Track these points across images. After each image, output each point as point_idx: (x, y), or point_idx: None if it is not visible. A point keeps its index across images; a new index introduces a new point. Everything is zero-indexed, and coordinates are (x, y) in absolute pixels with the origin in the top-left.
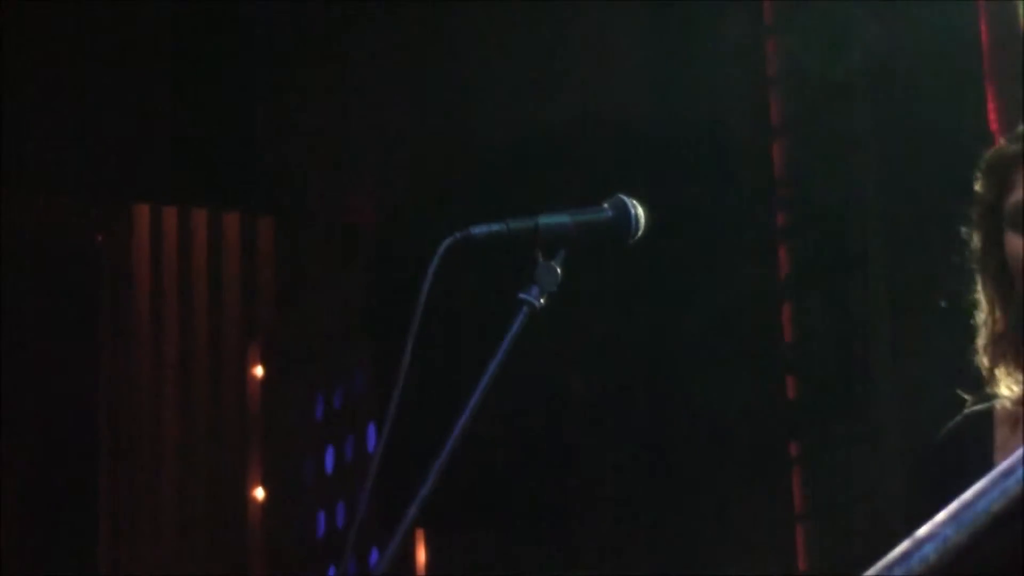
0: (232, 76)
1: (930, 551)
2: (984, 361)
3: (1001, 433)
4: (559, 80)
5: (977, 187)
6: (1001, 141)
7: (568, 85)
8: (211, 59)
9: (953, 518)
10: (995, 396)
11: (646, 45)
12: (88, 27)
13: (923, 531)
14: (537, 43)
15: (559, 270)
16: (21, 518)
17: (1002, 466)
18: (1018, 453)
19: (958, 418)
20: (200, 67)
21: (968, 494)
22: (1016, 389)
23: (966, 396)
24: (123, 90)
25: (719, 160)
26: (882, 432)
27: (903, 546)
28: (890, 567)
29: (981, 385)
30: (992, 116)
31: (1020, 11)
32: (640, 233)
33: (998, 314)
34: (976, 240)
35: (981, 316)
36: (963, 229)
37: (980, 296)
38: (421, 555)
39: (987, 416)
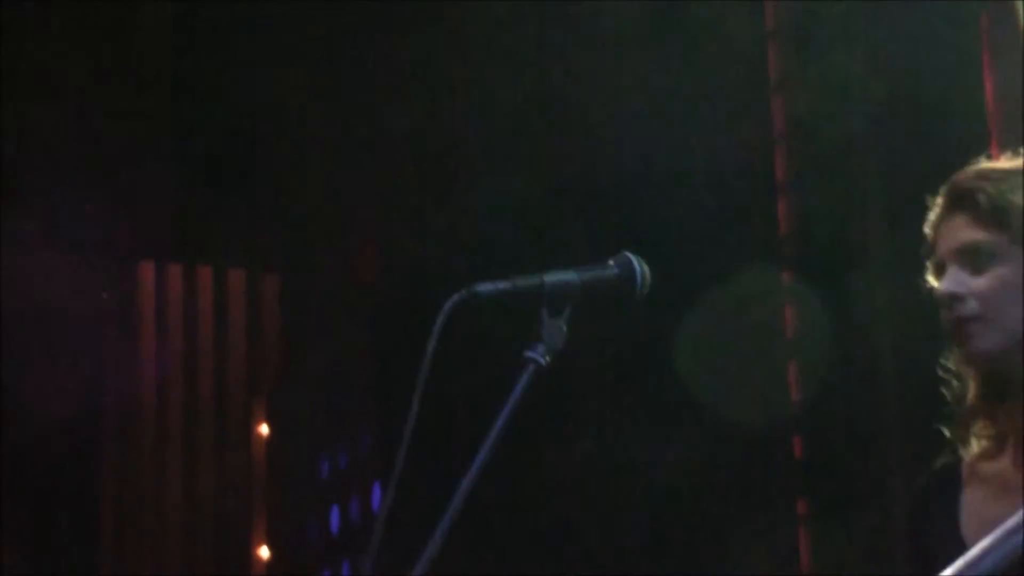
0: (236, 133)
1: None
2: (955, 426)
3: (968, 492)
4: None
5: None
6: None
7: (572, 137)
8: (214, 116)
9: None
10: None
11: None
12: (94, 79)
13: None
14: (540, 104)
15: (565, 328)
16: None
17: (1007, 525)
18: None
19: (925, 477)
20: (204, 124)
21: (974, 552)
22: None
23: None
24: (127, 146)
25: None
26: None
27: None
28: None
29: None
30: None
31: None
32: (646, 290)
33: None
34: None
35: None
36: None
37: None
38: None
39: (952, 472)
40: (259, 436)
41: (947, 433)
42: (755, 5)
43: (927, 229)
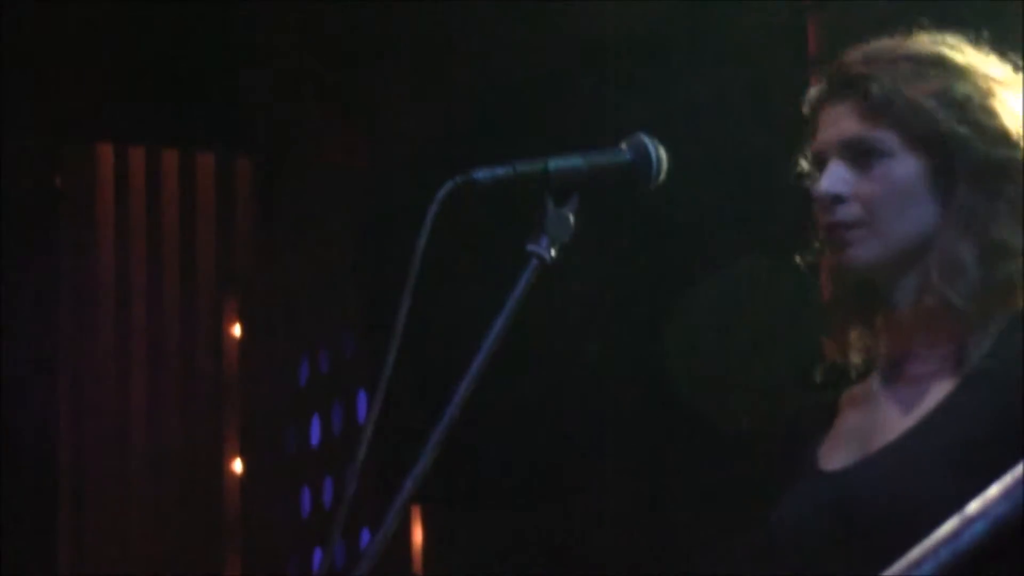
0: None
1: (980, 529)
2: (834, 328)
3: (838, 420)
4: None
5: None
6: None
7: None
8: None
9: (1006, 495)
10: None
11: None
12: None
13: (973, 508)
14: None
15: (572, 219)
16: None
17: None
18: None
19: (803, 412)
20: None
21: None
22: (861, 359)
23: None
24: (86, 16)
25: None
26: None
27: (951, 524)
28: (937, 547)
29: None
30: None
31: None
32: (662, 177)
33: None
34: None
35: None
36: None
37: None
38: (418, 534)
39: (833, 403)
40: (231, 337)
41: (825, 343)
42: None
43: (804, 107)
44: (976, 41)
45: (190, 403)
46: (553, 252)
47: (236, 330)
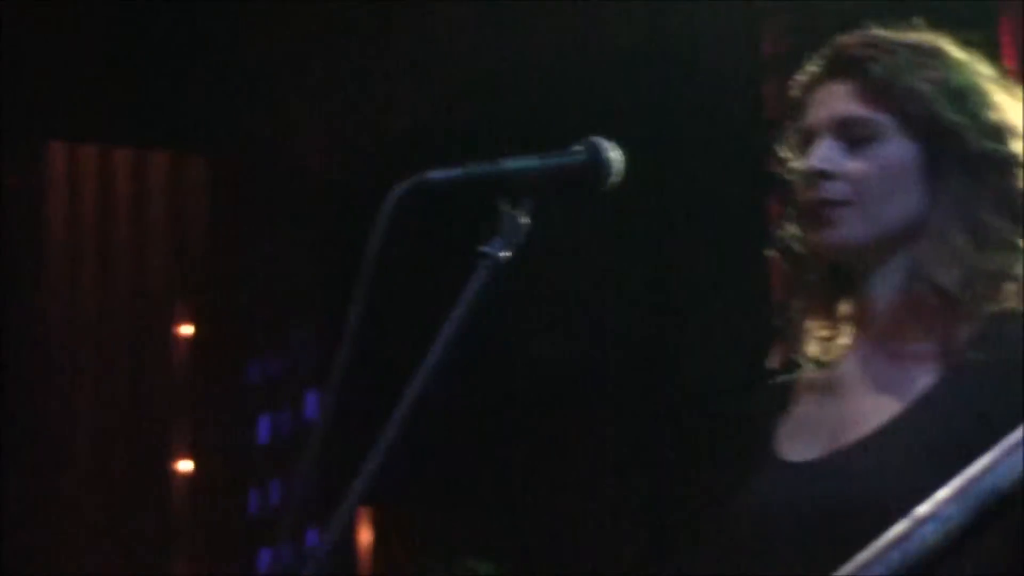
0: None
1: (930, 531)
2: (791, 316)
3: (796, 406)
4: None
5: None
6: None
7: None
8: None
9: (956, 497)
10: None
11: None
12: None
13: (923, 510)
14: None
15: (526, 220)
16: None
17: (1011, 439)
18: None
19: (754, 395)
20: None
21: (973, 470)
22: (820, 349)
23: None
24: (37, 14)
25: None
26: None
27: (901, 526)
28: (887, 548)
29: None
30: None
31: None
32: (616, 178)
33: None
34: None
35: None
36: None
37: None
38: (365, 535)
39: (787, 386)
40: (181, 337)
41: (778, 327)
42: None
43: (795, 90)
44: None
45: (139, 402)
46: (507, 253)
47: (187, 330)
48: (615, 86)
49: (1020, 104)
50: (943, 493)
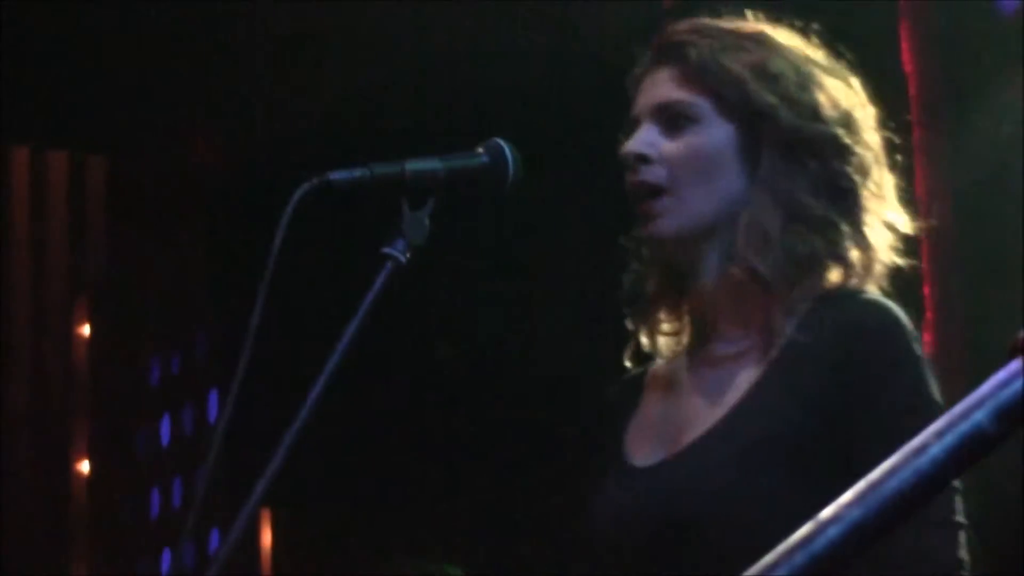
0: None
1: (835, 533)
2: (637, 317)
3: (644, 400)
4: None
5: None
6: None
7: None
8: None
9: (860, 499)
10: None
11: None
12: None
13: (827, 513)
14: None
15: (427, 222)
16: None
17: (914, 443)
18: (931, 429)
19: (611, 390)
20: None
21: (876, 473)
22: (666, 344)
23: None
24: None
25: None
26: None
27: (805, 529)
28: (792, 551)
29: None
30: None
31: None
32: (516, 178)
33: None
34: None
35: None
36: None
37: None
38: (267, 537)
39: (638, 380)
40: (81, 338)
41: (630, 326)
42: None
43: (628, 82)
44: (805, 32)
45: (38, 403)
46: (408, 255)
47: (86, 330)
48: (520, 86)
49: (852, 90)
50: (847, 496)
